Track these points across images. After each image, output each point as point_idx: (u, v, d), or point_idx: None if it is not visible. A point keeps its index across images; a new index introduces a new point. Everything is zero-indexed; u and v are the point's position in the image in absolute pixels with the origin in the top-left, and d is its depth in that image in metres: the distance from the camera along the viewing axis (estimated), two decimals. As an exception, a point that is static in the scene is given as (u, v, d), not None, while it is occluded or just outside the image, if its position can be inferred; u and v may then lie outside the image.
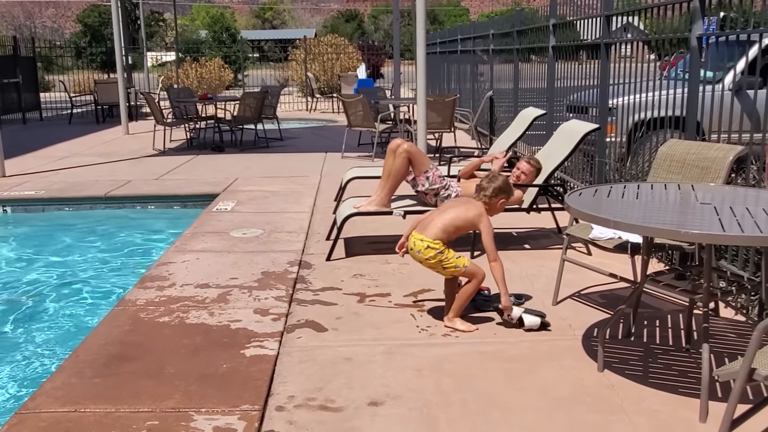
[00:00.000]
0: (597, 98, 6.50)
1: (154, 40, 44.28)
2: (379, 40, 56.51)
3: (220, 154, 11.22)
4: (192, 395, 3.23)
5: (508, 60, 10.20)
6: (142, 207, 7.92)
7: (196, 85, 21.95)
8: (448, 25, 71.48)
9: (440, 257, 3.98)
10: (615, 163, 6.23)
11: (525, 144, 8.70)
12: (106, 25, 42.24)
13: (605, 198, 3.49)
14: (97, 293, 5.48)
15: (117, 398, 3.22)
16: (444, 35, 17.52)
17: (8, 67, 16.44)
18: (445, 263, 4.00)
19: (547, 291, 4.51)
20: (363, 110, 10.47)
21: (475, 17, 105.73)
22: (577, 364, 3.52)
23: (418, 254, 4.00)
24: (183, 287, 4.72)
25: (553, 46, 7.84)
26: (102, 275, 5.89)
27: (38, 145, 12.35)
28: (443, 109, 10.20)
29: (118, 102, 14.64)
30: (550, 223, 6.08)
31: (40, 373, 4.10)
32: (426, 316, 4.21)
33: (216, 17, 59.75)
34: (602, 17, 6.27)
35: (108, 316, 4.26)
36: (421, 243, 3.98)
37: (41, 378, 3.91)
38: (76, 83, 22.13)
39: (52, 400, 3.22)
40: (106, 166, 10.02)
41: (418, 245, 3.99)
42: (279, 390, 3.29)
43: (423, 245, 3.98)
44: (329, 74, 22.56)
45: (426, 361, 3.58)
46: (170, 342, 3.85)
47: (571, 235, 4.31)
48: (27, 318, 5.00)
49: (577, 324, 4.02)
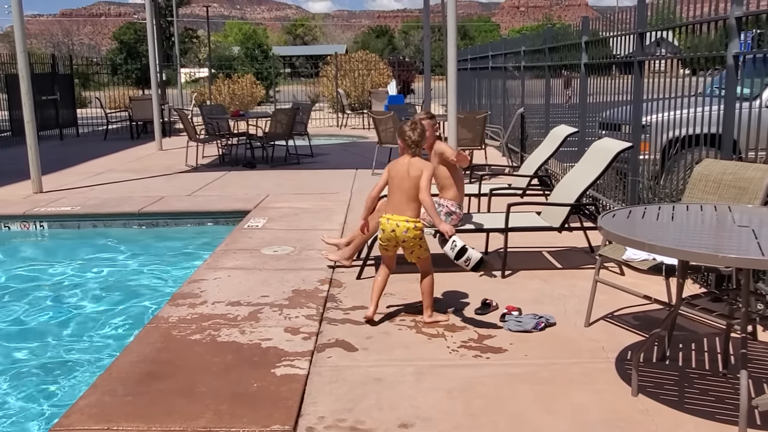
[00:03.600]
0: (630, 115, 6.44)
1: (188, 57, 44.99)
2: (410, 55, 56.74)
3: (251, 170, 11.32)
4: (223, 414, 3.24)
5: (539, 76, 10.17)
6: (175, 223, 8.00)
7: (229, 101, 22.21)
8: (478, 40, 71.57)
9: (422, 236, 4.34)
10: (648, 181, 6.16)
11: (556, 161, 8.64)
12: (141, 42, 43.06)
13: (639, 219, 3.45)
14: (129, 310, 5.54)
15: (149, 416, 3.25)
16: (475, 51, 17.53)
17: (47, 84, 16.79)
18: (422, 244, 4.34)
19: (579, 312, 4.46)
20: (394, 127, 10.49)
21: (506, 33, 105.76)
22: (611, 388, 3.46)
23: (405, 233, 4.26)
24: (214, 305, 4.75)
25: (586, 63, 7.79)
26: (134, 292, 5.96)
27: (75, 161, 12.57)
28: (474, 125, 10.19)
29: (152, 118, 14.86)
30: (581, 242, 6.01)
31: (73, 389, 4.15)
32: (456, 336, 4.18)
33: (248, 34, 60.55)
34: (636, 34, 6.22)
35: (140, 334, 4.31)
36: (406, 223, 4.27)
37: (74, 394, 3.96)
38: (111, 99, 22.54)
39: (86, 417, 3.25)
40: (140, 182, 10.16)
41: (403, 225, 4.26)
42: (309, 410, 3.29)
43: (410, 225, 4.27)
44: (360, 90, 22.68)
45: (456, 383, 3.55)
46: (201, 360, 3.87)
47: (605, 255, 4.25)
48: (60, 334, 5.07)
49: (610, 346, 3.96)
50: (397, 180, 4.33)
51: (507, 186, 6.96)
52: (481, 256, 4.19)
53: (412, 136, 4.37)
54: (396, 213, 4.30)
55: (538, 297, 4.84)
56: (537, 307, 4.57)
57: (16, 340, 4.96)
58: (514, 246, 5.74)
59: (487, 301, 4.64)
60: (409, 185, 4.27)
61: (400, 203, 4.30)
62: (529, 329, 4.21)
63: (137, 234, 7.83)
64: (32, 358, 4.66)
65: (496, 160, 11.50)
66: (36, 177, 9.27)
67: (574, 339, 4.10)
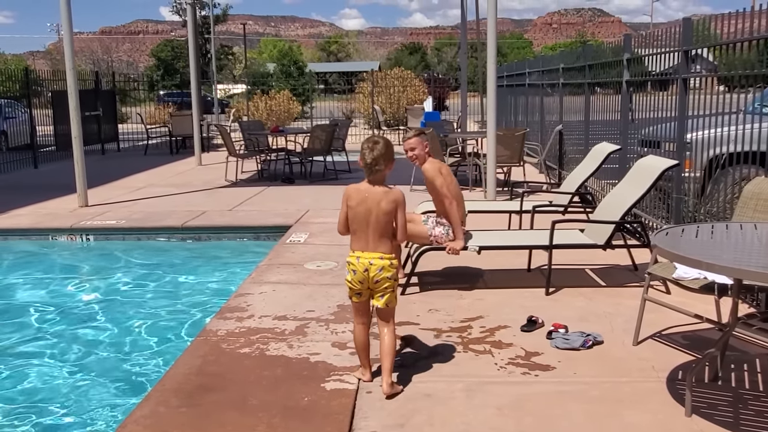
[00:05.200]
0: (673, 132, 6.40)
1: (223, 73, 45.61)
2: (443, 72, 56.89)
3: (290, 185, 11.44)
4: (276, 427, 3.28)
5: (577, 93, 10.14)
6: (217, 237, 8.11)
7: (266, 117, 22.49)
8: (511, 57, 71.50)
9: (396, 277, 3.68)
10: (693, 199, 6.11)
11: (596, 178, 8.59)
12: (178, 58, 43.77)
13: (693, 238, 3.43)
14: (176, 322, 5.62)
15: (203, 428, 3.30)
16: (511, 68, 17.55)
17: (90, 100, 17.17)
18: (395, 287, 3.68)
19: (626, 330, 4.43)
20: (431, 143, 10.52)
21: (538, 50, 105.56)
22: (663, 408, 3.44)
23: (379, 272, 3.58)
24: (261, 318, 4.81)
25: (627, 80, 7.76)
26: (181, 304, 6.05)
27: (117, 176, 12.82)
28: (512, 142, 10.18)
29: (191, 134, 15.11)
30: (624, 260, 5.98)
31: (124, 400, 4.22)
32: (503, 352, 4.18)
33: (284, 51, 61.24)
34: (680, 51, 6.19)
35: (190, 347, 4.38)
36: (380, 261, 3.58)
37: (126, 404, 4.04)
38: (149, 115, 22.96)
39: (141, 428, 3.32)
40: (182, 196, 10.33)
41: (377, 263, 3.58)
42: (361, 425, 3.32)
43: (385, 262, 3.59)
44: (395, 107, 22.80)
45: (506, 399, 3.55)
46: (251, 373, 3.92)
47: (654, 274, 4.22)
48: (109, 345, 5.17)
49: (661, 366, 3.93)
50: (362, 213, 3.62)
51: (548, 203, 6.94)
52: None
53: (366, 158, 3.63)
54: (367, 250, 3.62)
55: (584, 315, 4.82)
56: (583, 325, 4.55)
57: (68, 352, 5.06)
58: (557, 263, 5.72)
59: (533, 318, 4.63)
60: (378, 219, 3.60)
61: (371, 239, 3.62)
62: (576, 347, 4.19)
63: (180, 248, 7.96)
64: (83, 369, 4.75)
65: (534, 176, 11.48)
66: (82, 191, 9.48)
67: (623, 358, 4.07)
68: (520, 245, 5.82)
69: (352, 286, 3.67)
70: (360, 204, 3.61)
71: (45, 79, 17.20)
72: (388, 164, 3.64)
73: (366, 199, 3.61)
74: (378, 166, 3.60)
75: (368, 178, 3.65)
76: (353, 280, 3.65)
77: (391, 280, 3.61)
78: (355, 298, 3.71)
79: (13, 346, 5.18)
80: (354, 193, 3.66)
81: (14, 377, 4.63)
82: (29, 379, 4.61)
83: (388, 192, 3.64)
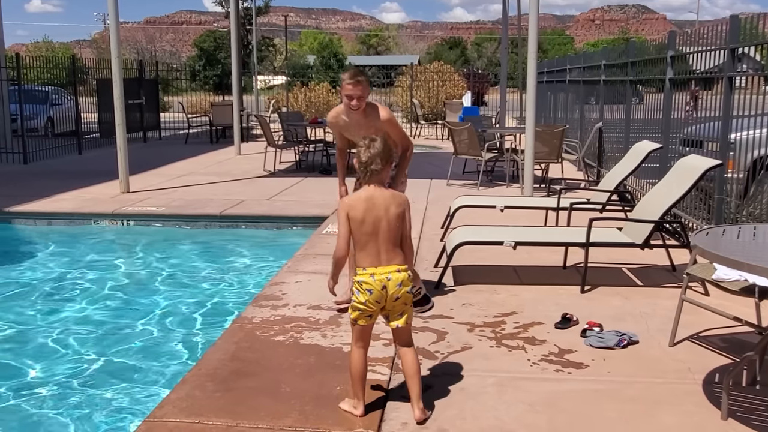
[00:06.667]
0: (717, 132, 6.29)
1: (264, 64, 45.93)
2: (482, 67, 56.53)
3: (327, 177, 11.50)
4: (308, 415, 3.32)
5: (619, 91, 10.01)
6: (254, 226, 8.21)
7: (305, 109, 22.62)
8: (552, 53, 70.73)
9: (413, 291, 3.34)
10: (735, 200, 6.00)
11: (635, 177, 8.48)
12: (220, 49, 44.15)
13: (734, 239, 3.38)
14: (212, 308, 5.71)
15: (237, 413, 3.35)
16: (552, 64, 17.37)
17: (134, 88, 17.46)
18: (411, 301, 3.32)
19: (662, 331, 4.38)
20: (469, 138, 10.51)
21: (580, 46, 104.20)
22: (699, 410, 3.39)
23: (399, 287, 3.19)
24: (296, 307, 4.86)
25: (671, 78, 7.64)
26: (217, 291, 6.14)
27: (158, 163, 13.03)
28: (551, 139, 10.09)
29: (231, 123, 15.27)
30: (661, 260, 5.90)
31: (159, 382, 4.30)
32: (536, 349, 4.16)
33: (324, 43, 61.44)
34: (726, 49, 6.08)
35: (226, 333, 4.45)
36: (398, 274, 3.19)
37: (160, 387, 4.12)
38: (190, 104, 23.26)
39: (177, 410, 3.38)
40: (221, 185, 10.46)
41: (396, 277, 3.18)
42: (392, 416, 3.34)
43: (403, 275, 3.21)
44: (434, 101, 22.74)
45: (539, 396, 3.54)
46: (285, 361, 3.97)
47: (692, 274, 4.16)
48: (147, 328, 5.27)
49: (697, 368, 3.88)
50: (370, 223, 3.19)
51: (586, 201, 6.88)
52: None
53: (361, 156, 3.24)
54: (380, 264, 3.20)
55: (619, 314, 4.77)
56: (618, 324, 4.51)
57: (107, 333, 5.18)
58: (593, 261, 5.67)
59: (567, 316, 4.61)
60: (390, 227, 3.20)
61: (383, 251, 3.21)
62: (611, 346, 4.15)
63: (218, 235, 8.07)
64: (120, 350, 4.86)
65: (572, 174, 11.37)
66: (124, 178, 9.66)
67: (659, 358, 4.03)
68: (556, 242, 5.78)
69: (366, 308, 3.19)
70: (366, 213, 3.18)
71: (90, 68, 17.53)
72: (386, 165, 3.26)
73: (373, 207, 3.19)
74: (374, 165, 3.20)
75: (365, 181, 3.25)
76: (369, 301, 3.17)
77: (410, 294, 3.26)
78: (363, 321, 3.25)
79: (56, 326, 5.32)
80: (355, 203, 3.21)
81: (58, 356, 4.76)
82: (69, 357, 4.73)
83: (395, 195, 3.27)
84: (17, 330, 5.26)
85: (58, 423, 3.84)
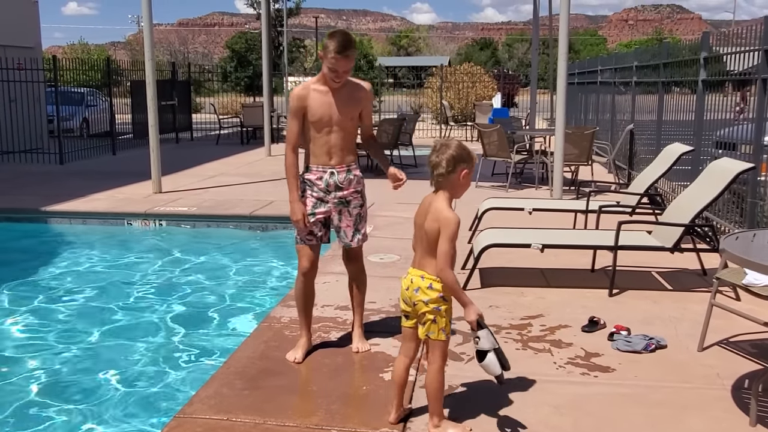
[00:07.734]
0: (751, 134, 6.21)
1: (294, 66, 46.22)
2: (513, 69, 56.25)
3: (356, 178, 11.54)
4: (335, 414, 3.36)
5: (651, 92, 9.92)
6: (284, 227, 8.27)
7: (334, 110, 22.70)
8: (584, 54, 70.12)
9: (442, 307, 3.08)
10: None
11: (666, 180, 8.40)
12: (251, 51, 44.57)
13: (765, 243, 3.35)
14: (241, 307, 5.79)
15: (265, 411, 3.40)
16: (583, 65, 17.25)
17: (166, 90, 17.71)
18: (439, 318, 3.07)
19: (691, 336, 4.34)
20: (499, 140, 10.49)
21: (613, 47, 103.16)
22: (726, 416, 3.37)
23: (415, 294, 3.07)
24: (324, 308, 4.91)
25: (704, 79, 7.56)
26: (247, 290, 6.23)
27: (190, 164, 13.20)
28: (581, 141, 10.04)
29: (261, 125, 15.41)
30: (692, 264, 5.84)
31: (188, 380, 4.38)
32: (563, 351, 4.16)
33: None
34: (761, 51, 5.99)
35: (255, 332, 4.51)
36: (421, 281, 3.07)
37: (190, 384, 4.19)
38: (221, 105, 23.51)
39: (207, 407, 3.45)
40: (251, 186, 10.57)
41: (416, 282, 3.08)
42: (420, 417, 3.36)
43: (424, 283, 3.06)
44: (464, 102, 22.70)
45: (564, 399, 3.54)
46: (313, 360, 4.02)
47: (722, 279, 4.13)
48: (177, 326, 5.36)
49: (726, 373, 3.84)
50: (416, 223, 3.19)
51: (615, 203, 6.83)
52: (501, 374, 3.01)
53: (431, 158, 3.09)
54: (414, 266, 3.17)
55: (648, 318, 4.74)
56: (646, 328, 4.48)
57: (136, 330, 5.28)
58: (622, 265, 5.64)
59: (594, 319, 4.59)
60: (423, 234, 3.11)
61: (419, 254, 3.16)
62: (638, 350, 4.13)
63: (248, 236, 8.16)
64: (150, 348, 4.95)
65: (603, 176, 11.29)
66: (156, 178, 9.82)
67: (687, 363, 4.00)
68: (585, 245, 5.75)
69: (401, 305, 3.22)
70: (417, 213, 3.17)
71: (124, 69, 17.81)
72: (452, 173, 3.03)
73: (420, 209, 3.16)
74: (438, 170, 3.04)
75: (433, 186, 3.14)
76: (400, 299, 3.22)
77: (429, 306, 3.05)
78: (403, 321, 3.23)
79: (96, 325, 5.43)
80: (420, 205, 3.19)
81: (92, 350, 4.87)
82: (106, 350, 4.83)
83: (436, 210, 3.04)
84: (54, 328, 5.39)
85: (92, 415, 3.93)
